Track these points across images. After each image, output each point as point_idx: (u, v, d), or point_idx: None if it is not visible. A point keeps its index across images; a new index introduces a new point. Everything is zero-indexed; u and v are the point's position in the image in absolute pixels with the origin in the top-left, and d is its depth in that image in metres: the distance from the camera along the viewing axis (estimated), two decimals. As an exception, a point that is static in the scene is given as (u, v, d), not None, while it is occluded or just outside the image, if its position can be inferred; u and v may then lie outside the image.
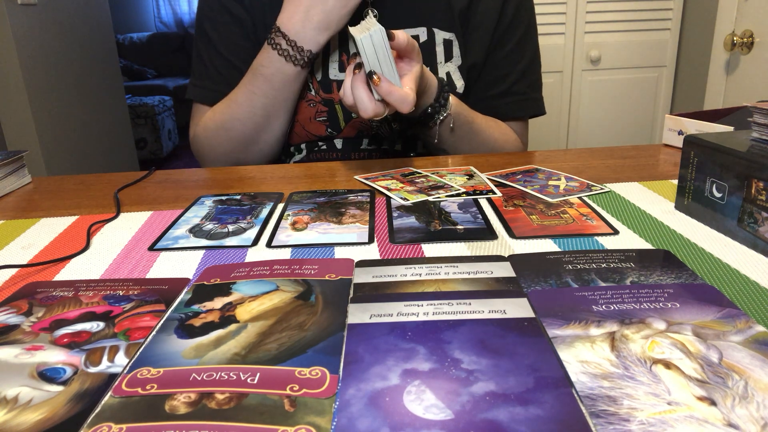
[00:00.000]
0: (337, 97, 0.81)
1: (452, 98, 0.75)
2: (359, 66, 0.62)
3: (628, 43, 2.06)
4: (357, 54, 0.63)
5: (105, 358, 0.34)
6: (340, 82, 0.80)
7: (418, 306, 0.38)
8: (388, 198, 0.61)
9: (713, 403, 0.28)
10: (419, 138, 0.86)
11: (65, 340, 0.36)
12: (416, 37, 0.80)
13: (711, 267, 0.44)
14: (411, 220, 0.55)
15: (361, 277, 0.43)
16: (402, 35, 0.62)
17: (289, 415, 0.28)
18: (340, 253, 0.49)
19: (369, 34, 0.59)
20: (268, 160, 0.85)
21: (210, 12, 0.82)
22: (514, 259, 0.45)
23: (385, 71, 0.61)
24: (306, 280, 0.43)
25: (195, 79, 0.86)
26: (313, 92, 0.81)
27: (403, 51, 0.64)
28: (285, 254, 0.49)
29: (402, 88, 0.62)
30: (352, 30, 0.62)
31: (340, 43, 0.80)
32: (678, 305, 0.37)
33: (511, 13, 0.82)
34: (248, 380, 0.31)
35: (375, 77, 0.60)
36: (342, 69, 0.80)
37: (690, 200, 0.53)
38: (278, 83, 0.75)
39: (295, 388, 0.30)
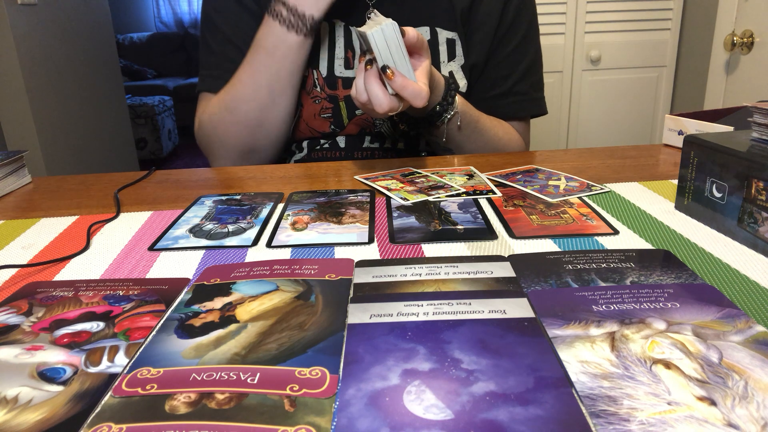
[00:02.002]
0: (341, 94, 0.81)
1: (458, 97, 0.75)
2: (371, 62, 0.62)
3: (628, 43, 2.06)
4: (365, 52, 0.63)
5: (105, 358, 0.34)
6: (344, 79, 0.80)
7: (418, 306, 0.38)
8: (388, 198, 0.61)
9: (713, 403, 0.28)
10: (424, 137, 0.86)
11: (65, 340, 0.36)
12: None
13: (711, 267, 0.44)
14: (411, 220, 0.55)
15: (361, 277, 0.43)
16: (412, 31, 0.62)
17: (289, 415, 0.28)
18: (340, 253, 0.49)
19: (381, 28, 0.59)
20: (276, 149, 0.83)
21: (218, 3, 0.82)
22: (514, 259, 0.45)
23: (399, 65, 0.61)
24: (306, 280, 0.43)
25: (205, 70, 0.84)
26: (318, 88, 0.81)
27: (412, 47, 0.64)
28: (285, 254, 0.49)
29: (416, 82, 0.61)
30: (360, 28, 0.62)
31: (346, 41, 0.80)
32: (678, 305, 0.37)
33: (513, 13, 0.82)
34: (248, 380, 0.31)
35: (389, 71, 0.60)
36: (347, 66, 0.80)
37: (690, 200, 0.53)
38: (280, 55, 0.74)
39: (295, 388, 0.30)
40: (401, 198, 0.60)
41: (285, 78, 0.75)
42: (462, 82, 0.83)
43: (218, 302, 0.40)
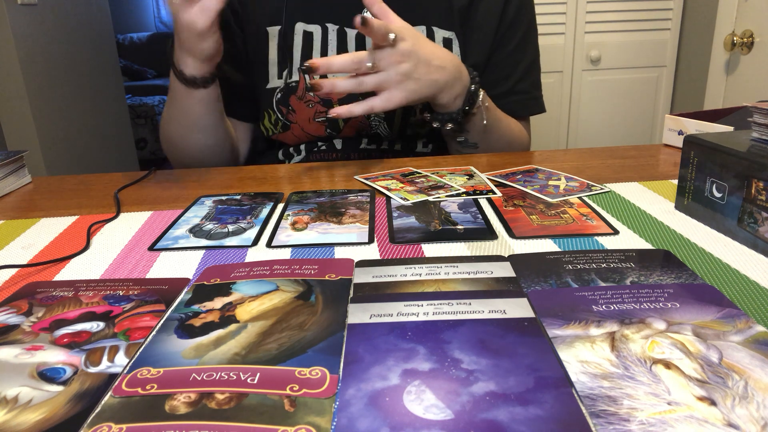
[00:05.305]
0: (335, 97, 0.81)
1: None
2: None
3: (628, 43, 2.06)
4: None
5: (105, 358, 0.34)
6: None
7: (418, 306, 0.38)
8: (388, 198, 0.61)
9: (713, 403, 0.28)
10: (422, 138, 0.86)
11: (65, 340, 0.36)
12: None
13: (711, 267, 0.44)
14: (411, 220, 0.55)
15: (361, 277, 0.43)
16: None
17: (289, 415, 0.28)
18: (340, 253, 0.49)
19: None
20: (223, 162, 0.85)
21: None
22: (514, 259, 0.45)
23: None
24: (306, 280, 0.43)
25: None
26: (312, 93, 0.81)
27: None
28: (285, 254, 0.49)
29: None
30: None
31: (339, 44, 0.80)
32: (678, 305, 0.37)
33: (513, 13, 0.82)
34: (248, 380, 0.31)
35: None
36: None
37: (690, 200, 0.53)
38: (180, 96, 0.76)
39: (295, 388, 0.30)
40: (401, 198, 0.61)
41: (184, 115, 0.77)
42: None
43: (218, 302, 0.40)
